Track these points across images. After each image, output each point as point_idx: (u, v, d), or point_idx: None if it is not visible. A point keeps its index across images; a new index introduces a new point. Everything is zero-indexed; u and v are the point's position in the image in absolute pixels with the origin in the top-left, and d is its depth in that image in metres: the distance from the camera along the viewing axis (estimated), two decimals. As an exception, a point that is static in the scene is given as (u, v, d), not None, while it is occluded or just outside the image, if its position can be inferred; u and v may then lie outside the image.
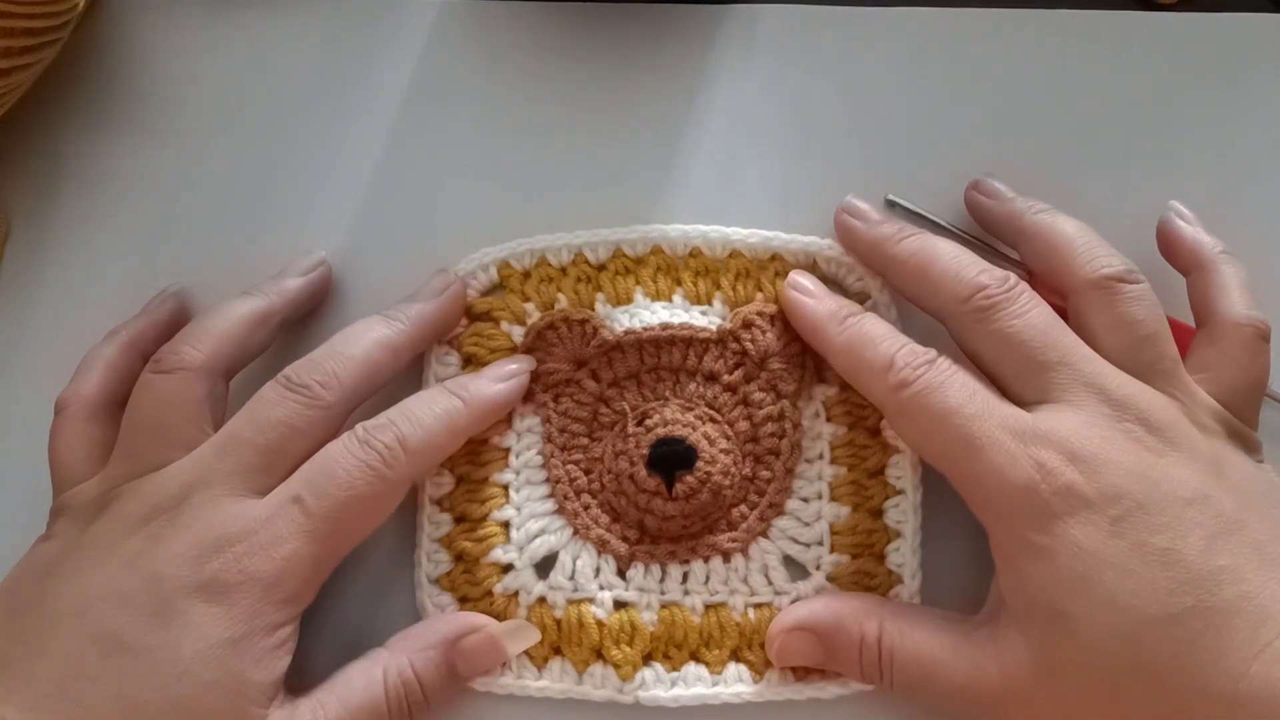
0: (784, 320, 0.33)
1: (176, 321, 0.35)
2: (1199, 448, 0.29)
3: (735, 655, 0.32)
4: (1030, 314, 0.30)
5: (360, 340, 0.32)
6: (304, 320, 0.36)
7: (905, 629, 0.30)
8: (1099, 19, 0.38)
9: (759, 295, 0.34)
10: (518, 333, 0.34)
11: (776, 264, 0.34)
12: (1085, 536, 0.27)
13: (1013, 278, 0.31)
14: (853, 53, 0.38)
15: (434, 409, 0.32)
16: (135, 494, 0.30)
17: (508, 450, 0.34)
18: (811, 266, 0.34)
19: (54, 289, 0.38)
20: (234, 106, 0.38)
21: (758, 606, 0.33)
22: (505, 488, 0.34)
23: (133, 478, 0.31)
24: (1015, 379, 0.30)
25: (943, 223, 0.36)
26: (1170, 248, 0.34)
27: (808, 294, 0.33)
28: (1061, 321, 0.31)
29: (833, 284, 0.34)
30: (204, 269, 0.37)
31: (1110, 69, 0.38)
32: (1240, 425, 0.30)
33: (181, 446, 0.31)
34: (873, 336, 0.32)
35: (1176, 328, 0.35)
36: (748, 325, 0.33)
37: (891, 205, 0.37)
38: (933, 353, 0.31)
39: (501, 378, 0.33)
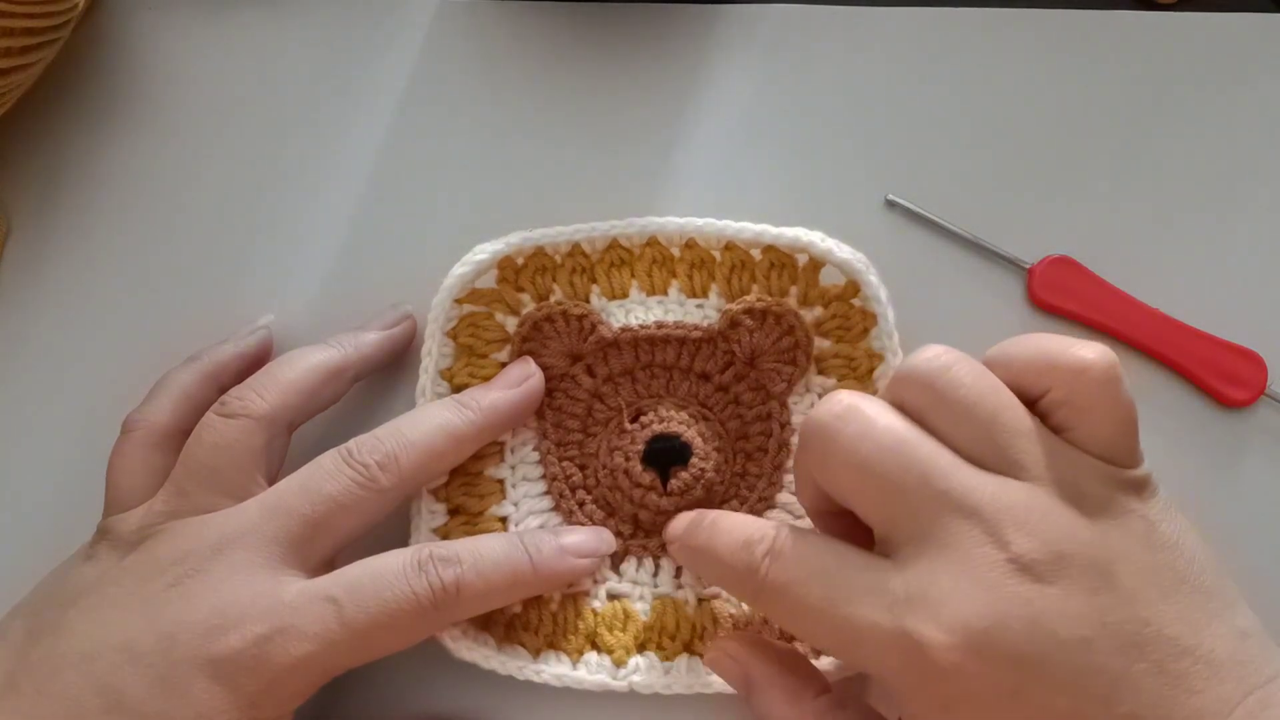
0: (775, 316, 0.33)
1: (261, 357, 0.35)
2: (1088, 554, 0.25)
3: None
4: (878, 430, 0.26)
5: (426, 425, 0.32)
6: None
7: None
8: (1099, 19, 0.38)
9: (754, 288, 0.34)
10: (512, 323, 0.34)
11: (771, 255, 0.34)
12: (984, 714, 0.25)
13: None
14: (853, 53, 0.38)
15: (501, 563, 0.30)
16: (173, 535, 0.30)
17: (502, 445, 0.34)
18: (803, 261, 0.34)
19: (54, 289, 0.38)
20: (234, 106, 0.38)
21: None
22: (501, 483, 0.34)
23: (177, 517, 0.30)
24: (876, 515, 0.27)
25: (943, 222, 0.36)
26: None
27: (670, 543, 0.31)
28: (912, 432, 0.26)
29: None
30: (204, 268, 0.37)
31: (1110, 69, 0.38)
32: (1126, 474, 0.26)
33: (230, 494, 0.30)
34: (715, 548, 0.29)
35: (1181, 330, 0.35)
36: (735, 324, 0.33)
37: (891, 205, 0.37)
38: (770, 533, 0.27)
39: (576, 551, 0.32)
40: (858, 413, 0.27)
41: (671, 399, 0.34)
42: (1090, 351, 0.26)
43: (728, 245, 0.34)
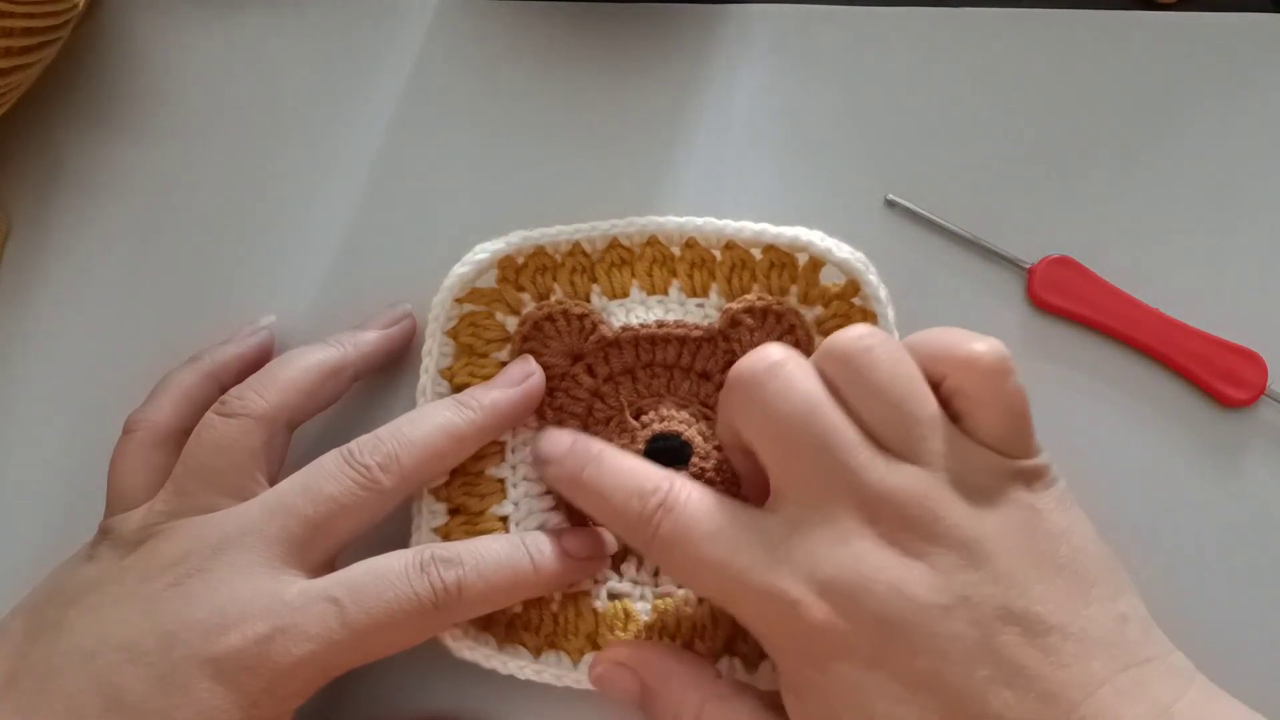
0: (775, 316, 0.33)
1: (262, 357, 0.35)
2: (960, 533, 0.26)
3: (729, 646, 0.32)
4: (795, 393, 0.27)
5: (426, 425, 0.31)
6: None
7: (728, 715, 0.29)
8: (1099, 19, 0.38)
9: (754, 287, 0.34)
10: (512, 323, 0.34)
11: (771, 255, 0.34)
12: (850, 671, 0.26)
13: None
14: (853, 53, 0.38)
15: (502, 564, 0.30)
16: (174, 534, 0.30)
17: (503, 445, 0.34)
18: (803, 260, 0.34)
19: (54, 289, 0.38)
20: (234, 106, 0.38)
21: None
22: (502, 482, 0.34)
23: (177, 516, 0.30)
24: (776, 470, 0.28)
25: (943, 222, 0.36)
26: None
27: (546, 461, 0.31)
28: (826, 403, 0.27)
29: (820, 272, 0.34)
30: (204, 269, 0.37)
31: (1110, 69, 0.38)
32: (1018, 465, 0.27)
33: (231, 494, 0.31)
34: (604, 489, 0.29)
35: (1181, 330, 0.35)
36: (735, 324, 0.33)
37: (891, 205, 0.37)
38: (663, 486, 0.28)
39: (578, 553, 0.32)
40: (782, 370, 0.28)
41: (672, 398, 0.34)
42: (982, 345, 0.27)
43: (728, 244, 0.34)
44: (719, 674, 0.31)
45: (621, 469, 0.30)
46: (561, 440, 0.31)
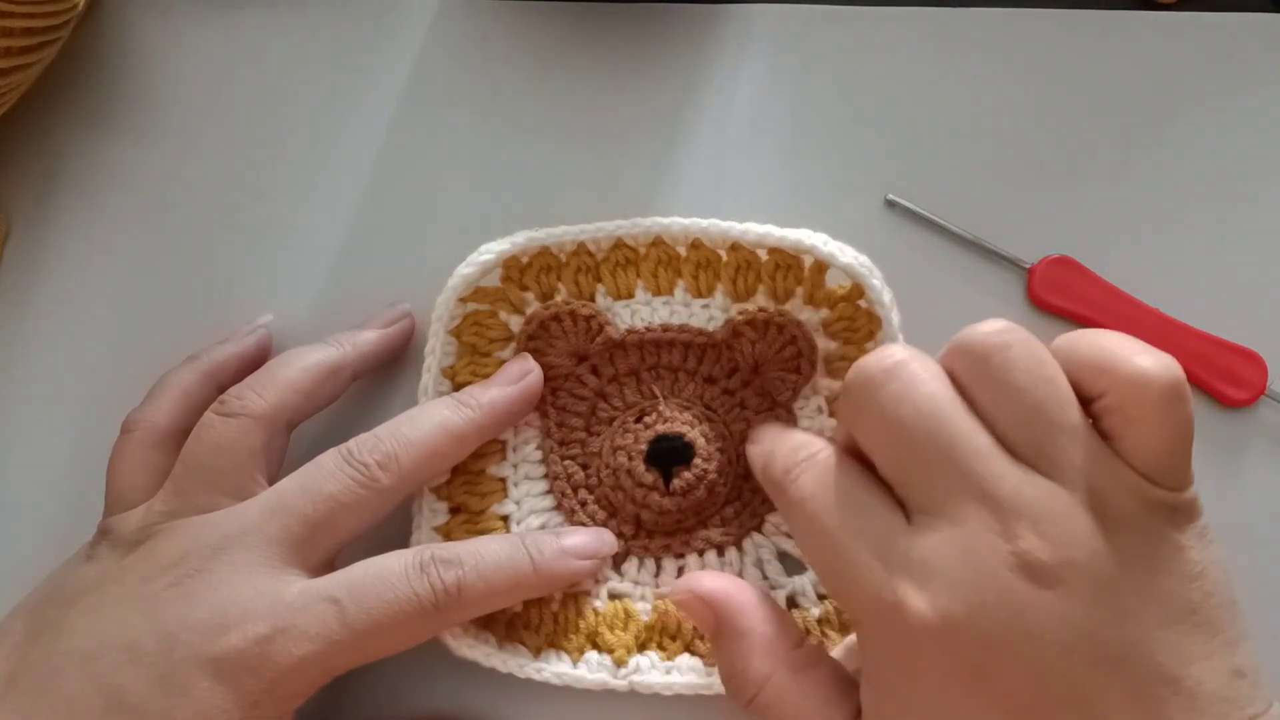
0: (777, 327, 0.33)
1: (260, 356, 0.35)
2: (1096, 566, 0.24)
3: None
4: (919, 395, 0.26)
5: (425, 424, 0.32)
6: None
7: (794, 690, 0.28)
8: (1099, 19, 0.38)
9: (759, 288, 0.34)
10: (515, 322, 0.34)
11: (777, 256, 0.34)
12: (943, 687, 0.25)
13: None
14: (853, 53, 0.38)
15: (502, 564, 0.30)
16: (173, 534, 0.30)
17: (504, 443, 0.34)
18: (809, 262, 0.34)
19: (54, 289, 0.38)
20: (234, 106, 0.38)
21: None
22: (503, 481, 0.34)
23: (177, 516, 0.30)
24: (897, 477, 0.26)
25: (943, 222, 0.36)
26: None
27: (753, 441, 0.32)
28: (953, 404, 0.26)
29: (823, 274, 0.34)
30: (203, 269, 0.37)
31: (1110, 69, 0.38)
32: (1166, 496, 0.25)
33: (230, 494, 0.31)
34: (776, 436, 0.31)
35: (1181, 330, 0.35)
36: (738, 334, 0.33)
37: (891, 205, 0.37)
38: (817, 444, 0.29)
39: (578, 553, 0.32)
40: (904, 371, 0.26)
41: (676, 400, 0.34)
42: (1151, 361, 0.25)
43: (733, 245, 0.34)
44: (801, 639, 0.29)
45: (794, 431, 0.31)
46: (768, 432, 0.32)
